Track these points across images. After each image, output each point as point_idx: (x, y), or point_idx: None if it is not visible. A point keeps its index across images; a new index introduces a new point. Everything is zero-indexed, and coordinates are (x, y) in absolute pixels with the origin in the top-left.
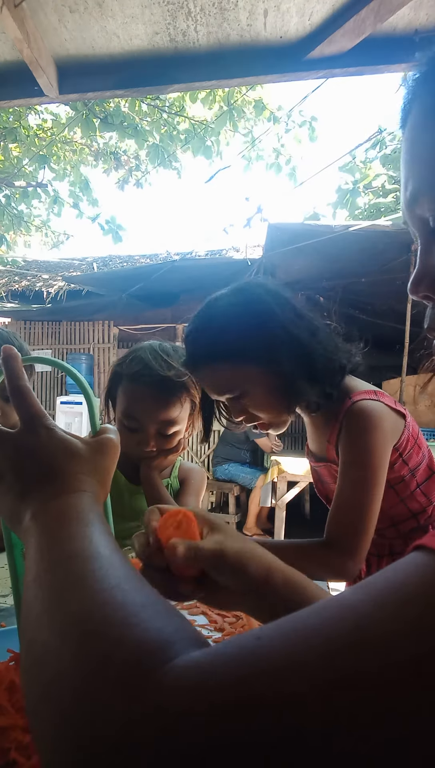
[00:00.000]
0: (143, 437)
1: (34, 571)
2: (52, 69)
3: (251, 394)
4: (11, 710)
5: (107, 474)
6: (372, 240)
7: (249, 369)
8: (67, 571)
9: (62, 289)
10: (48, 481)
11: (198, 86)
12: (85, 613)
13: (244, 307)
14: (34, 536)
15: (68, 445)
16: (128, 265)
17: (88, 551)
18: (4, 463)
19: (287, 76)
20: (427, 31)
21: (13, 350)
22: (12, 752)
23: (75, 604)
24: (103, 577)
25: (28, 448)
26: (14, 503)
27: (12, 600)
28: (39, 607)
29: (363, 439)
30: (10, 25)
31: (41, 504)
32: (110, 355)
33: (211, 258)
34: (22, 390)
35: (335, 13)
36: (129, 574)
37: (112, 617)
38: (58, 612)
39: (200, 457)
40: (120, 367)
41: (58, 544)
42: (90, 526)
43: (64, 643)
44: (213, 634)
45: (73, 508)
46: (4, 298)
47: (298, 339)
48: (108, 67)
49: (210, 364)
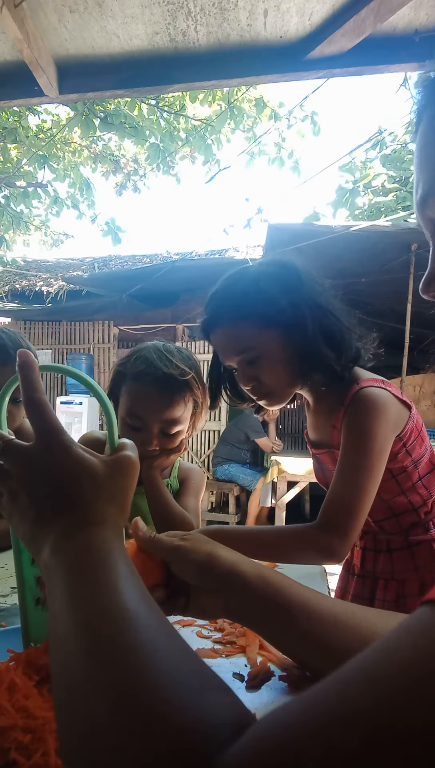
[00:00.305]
0: (147, 436)
1: (63, 625)
2: (52, 69)
3: (266, 357)
4: (11, 710)
5: (127, 497)
6: (372, 240)
7: (270, 332)
8: (99, 635)
9: (62, 289)
10: (66, 510)
11: (198, 86)
12: (120, 692)
13: (275, 273)
14: (57, 582)
15: (86, 467)
16: (128, 265)
17: (118, 609)
18: (18, 482)
19: (287, 76)
20: (427, 31)
21: (30, 357)
22: (12, 752)
23: (110, 675)
24: (138, 646)
25: (43, 468)
26: (31, 530)
27: (11, 600)
28: (78, 672)
29: (366, 424)
30: (10, 25)
31: (60, 538)
32: (110, 355)
33: (211, 258)
34: (37, 402)
35: (335, 13)
36: (160, 632)
37: (149, 699)
38: (92, 683)
39: (200, 457)
40: (123, 366)
41: (85, 598)
42: (117, 574)
43: (103, 719)
44: (213, 633)
45: (97, 548)
46: (4, 298)
47: (322, 313)
48: (108, 67)
49: (233, 321)
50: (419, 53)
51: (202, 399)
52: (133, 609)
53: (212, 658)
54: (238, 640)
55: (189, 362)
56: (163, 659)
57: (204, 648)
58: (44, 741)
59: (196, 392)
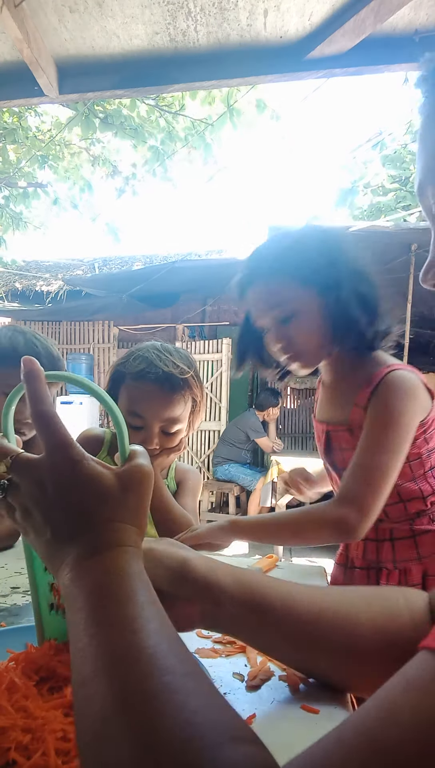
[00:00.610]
0: (147, 435)
1: (84, 665)
2: (52, 69)
3: (300, 316)
4: (11, 710)
5: (143, 510)
6: (372, 240)
7: (307, 290)
8: (118, 681)
9: (62, 289)
10: (81, 531)
11: (198, 86)
12: (144, 743)
13: (318, 235)
14: (77, 613)
15: (98, 483)
16: (129, 266)
17: (138, 649)
18: (29, 499)
19: (287, 76)
20: (427, 31)
21: (36, 365)
22: (11, 752)
23: (131, 725)
24: (158, 692)
25: (54, 486)
26: (47, 549)
27: (11, 600)
28: (99, 717)
29: (396, 405)
30: (10, 25)
31: (78, 564)
32: (110, 355)
33: (210, 259)
34: (45, 415)
35: (335, 13)
36: (181, 671)
37: (169, 749)
38: (114, 731)
39: (200, 457)
40: (123, 366)
41: (104, 636)
42: (135, 605)
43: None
44: (213, 633)
45: (114, 577)
46: (4, 298)
47: (359, 279)
48: (108, 67)
49: (271, 276)
50: (419, 53)
51: (200, 397)
52: (152, 648)
53: (212, 658)
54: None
55: (187, 361)
56: (184, 704)
57: (204, 648)
58: (44, 741)
59: (195, 391)
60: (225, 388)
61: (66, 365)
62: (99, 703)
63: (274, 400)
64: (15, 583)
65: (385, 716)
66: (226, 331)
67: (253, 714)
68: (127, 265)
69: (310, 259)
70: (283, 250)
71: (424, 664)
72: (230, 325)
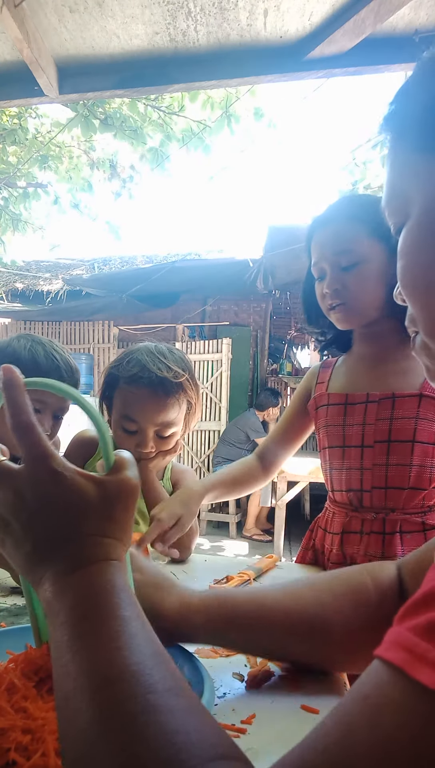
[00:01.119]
0: (142, 439)
1: (67, 681)
2: (52, 69)
3: (364, 266)
4: (10, 711)
5: (127, 525)
6: None
7: (378, 244)
8: (101, 700)
9: (62, 289)
10: (61, 545)
11: (198, 86)
12: (124, 762)
13: None
14: (59, 627)
15: (81, 495)
16: (129, 266)
17: (121, 667)
18: (8, 510)
19: (287, 76)
20: (427, 31)
21: (15, 374)
22: (11, 752)
23: (113, 744)
24: (139, 711)
25: (33, 497)
26: (26, 563)
27: (11, 600)
28: (83, 735)
29: None
30: (10, 25)
31: (60, 578)
32: (110, 355)
33: (210, 259)
34: (24, 426)
35: (335, 13)
36: (164, 689)
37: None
38: (97, 749)
39: (200, 457)
40: (116, 369)
41: (87, 653)
42: (120, 621)
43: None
44: None
45: (97, 591)
46: (4, 298)
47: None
48: (108, 67)
49: (347, 220)
50: (419, 53)
51: (196, 399)
52: (135, 665)
53: (212, 658)
54: None
55: (182, 363)
56: (165, 724)
57: (204, 648)
58: (43, 741)
59: (190, 393)
60: (225, 388)
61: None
62: (82, 722)
63: (274, 400)
64: (15, 583)
65: (343, 736)
66: (226, 331)
67: (252, 714)
68: (127, 264)
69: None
70: (365, 204)
71: (377, 679)
72: (230, 325)
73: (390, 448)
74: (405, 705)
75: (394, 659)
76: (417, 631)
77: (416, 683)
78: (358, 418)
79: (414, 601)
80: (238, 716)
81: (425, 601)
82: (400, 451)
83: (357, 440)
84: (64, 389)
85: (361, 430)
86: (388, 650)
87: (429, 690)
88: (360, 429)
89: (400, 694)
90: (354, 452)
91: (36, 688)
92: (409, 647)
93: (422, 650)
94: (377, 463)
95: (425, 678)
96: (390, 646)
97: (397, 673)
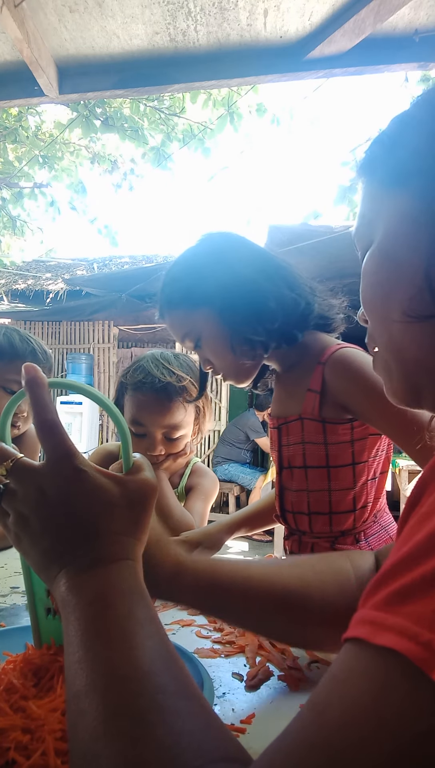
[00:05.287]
0: (150, 443)
1: (78, 679)
2: (52, 69)
3: (205, 338)
4: (10, 711)
5: (145, 525)
6: None
7: (200, 312)
8: (110, 699)
9: (62, 290)
10: (81, 542)
11: (198, 86)
12: (128, 761)
13: (193, 254)
14: (73, 624)
15: (101, 494)
16: (128, 266)
17: (132, 667)
18: (27, 506)
19: (287, 76)
20: (427, 31)
21: (39, 373)
22: (11, 752)
23: (118, 743)
24: (147, 711)
25: (55, 495)
26: (43, 559)
27: (11, 600)
28: (90, 734)
29: (368, 378)
30: (10, 25)
31: (76, 576)
32: (110, 355)
33: None
34: (49, 425)
35: (335, 13)
36: (172, 691)
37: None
38: (102, 748)
39: (200, 457)
40: (124, 377)
41: (98, 652)
42: (133, 622)
43: None
44: (212, 633)
45: (113, 592)
46: (4, 298)
47: (246, 280)
48: (108, 67)
49: (168, 310)
50: (419, 53)
51: (204, 402)
52: (147, 665)
53: (211, 658)
54: (237, 640)
55: (186, 368)
56: (172, 725)
57: (203, 648)
58: (43, 741)
59: (195, 395)
60: (225, 388)
61: (66, 365)
62: (91, 719)
63: None
64: (15, 583)
65: (316, 717)
66: None
67: (252, 714)
68: (127, 264)
69: (193, 281)
70: (171, 281)
71: (343, 656)
72: None
73: (292, 473)
74: (367, 671)
75: (358, 634)
76: (376, 606)
77: (377, 648)
78: (275, 444)
79: (373, 582)
80: (238, 716)
81: (382, 580)
82: (298, 477)
83: (278, 464)
84: (88, 390)
85: (277, 456)
86: (351, 630)
87: (389, 651)
88: (276, 454)
89: (364, 663)
90: (279, 475)
91: (35, 688)
92: (370, 620)
93: (381, 619)
94: (285, 487)
95: (385, 640)
96: (353, 625)
97: (360, 645)
